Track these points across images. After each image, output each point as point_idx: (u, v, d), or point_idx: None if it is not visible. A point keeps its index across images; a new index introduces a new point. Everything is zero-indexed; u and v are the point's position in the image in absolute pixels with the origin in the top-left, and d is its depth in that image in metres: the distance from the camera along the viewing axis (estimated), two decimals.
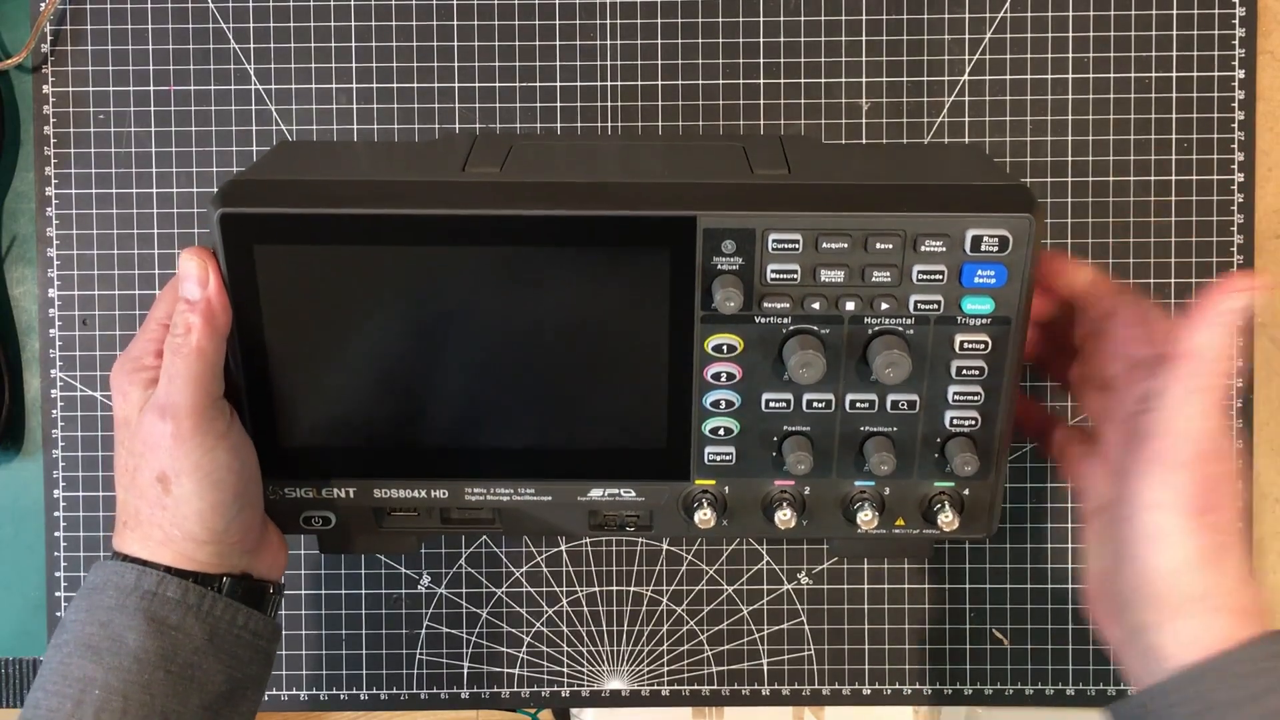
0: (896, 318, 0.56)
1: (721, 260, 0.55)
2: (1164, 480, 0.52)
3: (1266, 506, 0.77)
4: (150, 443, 0.55)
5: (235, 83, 0.76)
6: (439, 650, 0.78)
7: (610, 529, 0.63)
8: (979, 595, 0.77)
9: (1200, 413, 0.52)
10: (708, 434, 0.59)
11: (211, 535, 0.57)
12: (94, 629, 0.55)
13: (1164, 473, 0.52)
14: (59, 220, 0.76)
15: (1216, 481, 0.52)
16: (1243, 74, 0.75)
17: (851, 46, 0.75)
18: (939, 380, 0.57)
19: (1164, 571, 0.52)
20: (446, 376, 0.58)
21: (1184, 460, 0.52)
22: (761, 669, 0.78)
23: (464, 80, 0.76)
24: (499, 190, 0.55)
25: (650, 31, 0.75)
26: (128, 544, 0.57)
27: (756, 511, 0.61)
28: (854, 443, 0.59)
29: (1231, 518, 0.52)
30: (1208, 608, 0.52)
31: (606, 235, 0.54)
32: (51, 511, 0.77)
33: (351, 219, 0.54)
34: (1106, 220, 0.75)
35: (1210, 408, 0.52)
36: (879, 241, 0.54)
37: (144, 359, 0.57)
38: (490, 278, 0.55)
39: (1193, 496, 0.52)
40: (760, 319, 0.56)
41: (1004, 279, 0.55)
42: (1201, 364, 0.52)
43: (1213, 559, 0.52)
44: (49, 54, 0.76)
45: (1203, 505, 0.52)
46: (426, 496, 0.61)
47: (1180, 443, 0.52)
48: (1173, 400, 0.52)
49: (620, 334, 0.57)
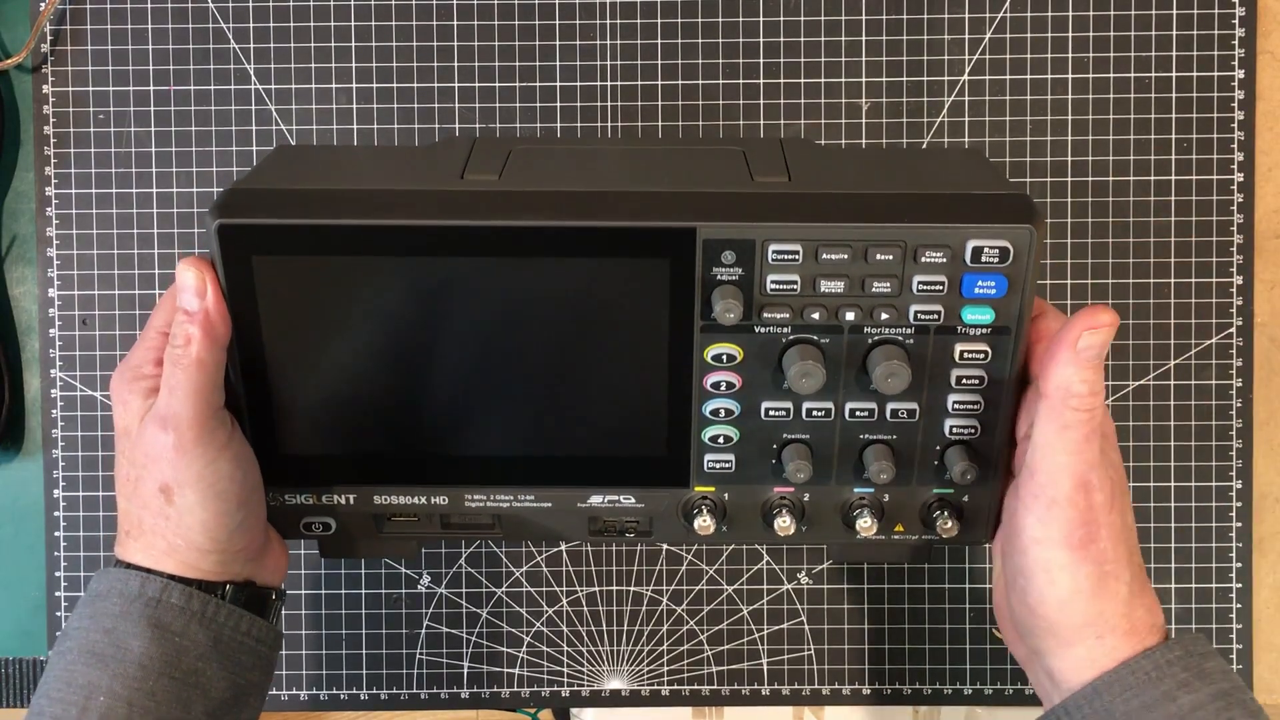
0: (896, 328, 0.56)
1: (721, 270, 0.54)
2: (1043, 516, 0.53)
3: (1266, 506, 0.77)
4: (152, 454, 0.55)
5: (235, 83, 0.76)
6: (439, 650, 0.78)
7: (610, 535, 0.63)
8: (979, 595, 0.77)
9: (1070, 449, 0.53)
10: (707, 441, 0.59)
11: (215, 544, 0.57)
12: (98, 635, 0.55)
13: (1043, 509, 0.53)
14: (59, 220, 0.76)
15: (1095, 512, 0.53)
16: (1243, 74, 0.75)
17: (851, 46, 0.75)
18: (939, 389, 0.57)
19: (1052, 603, 0.54)
20: (446, 384, 0.58)
21: (1060, 497, 0.53)
22: (761, 669, 0.78)
23: (464, 80, 0.76)
24: (498, 200, 0.54)
25: (650, 31, 0.75)
26: (131, 553, 0.57)
27: (756, 518, 0.61)
28: (853, 450, 0.59)
29: (1114, 544, 0.53)
30: (1095, 634, 0.54)
31: (606, 246, 0.54)
32: (51, 511, 0.77)
33: (350, 230, 0.54)
34: (1106, 220, 0.75)
35: (1080, 442, 0.53)
36: (879, 252, 0.54)
37: (144, 368, 0.57)
38: (489, 287, 0.55)
39: (1072, 531, 0.53)
40: (760, 329, 0.56)
41: (1004, 289, 0.54)
42: (1064, 401, 0.53)
43: (1097, 588, 0.53)
44: (49, 54, 0.76)
45: (1083, 537, 0.53)
46: (426, 503, 0.61)
47: (1054, 479, 0.53)
48: (1043, 439, 0.53)
49: (620, 343, 0.57)
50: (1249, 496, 0.76)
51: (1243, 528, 0.76)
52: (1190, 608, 0.77)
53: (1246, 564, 0.77)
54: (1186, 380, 0.76)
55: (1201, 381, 0.76)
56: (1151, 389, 0.76)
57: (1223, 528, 0.76)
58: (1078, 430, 0.53)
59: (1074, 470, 0.53)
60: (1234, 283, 0.75)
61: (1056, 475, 0.53)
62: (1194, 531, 0.76)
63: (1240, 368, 0.76)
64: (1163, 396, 0.76)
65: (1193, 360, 0.76)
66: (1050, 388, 0.53)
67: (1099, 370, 0.53)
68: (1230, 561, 0.77)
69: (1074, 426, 0.53)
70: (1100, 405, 0.53)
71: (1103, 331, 0.52)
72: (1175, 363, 0.76)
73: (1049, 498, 0.53)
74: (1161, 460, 0.76)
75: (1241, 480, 0.76)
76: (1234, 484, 0.76)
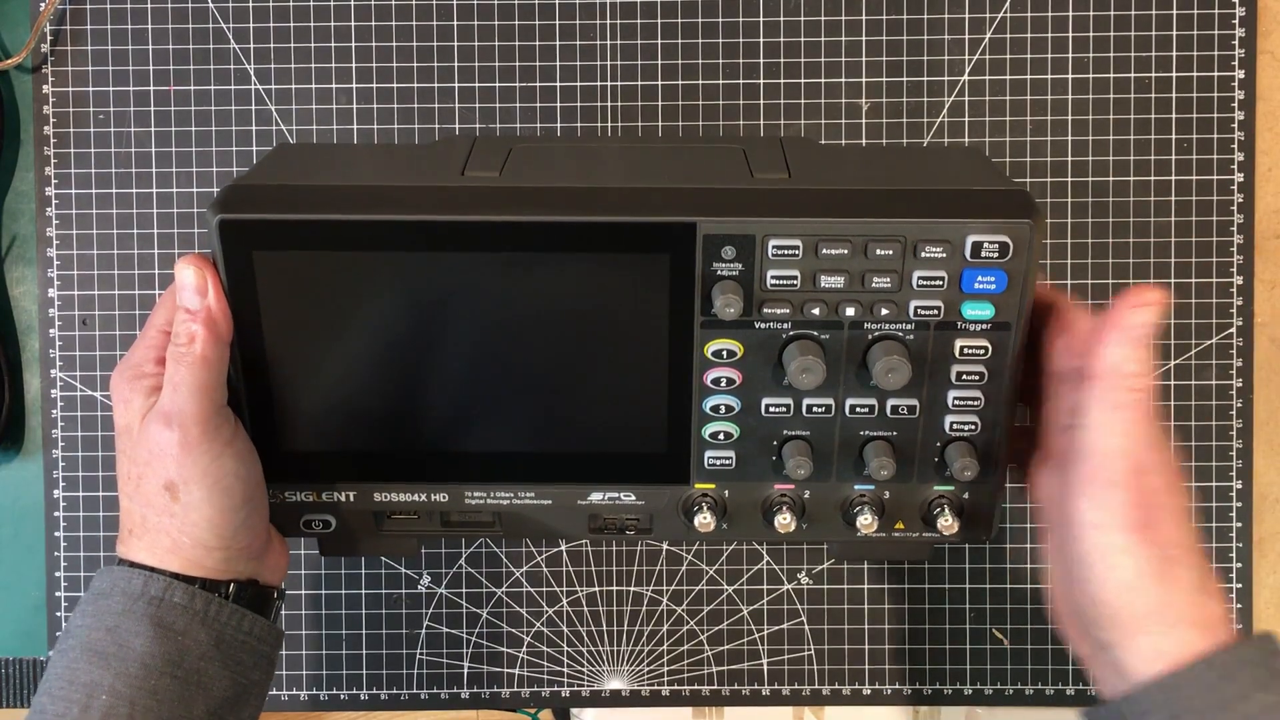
0: (896, 323, 0.56)
1: (721, 266, 0.54)
2: (1100, 500, 0.52)
3: (1267, 506, 0.77)
4: (156, 451, 0.55)
5: (235, 83, 0.76)
6: (439, 650, 0.78)
7: (610, 532, 0.63)
8: (979, 595, 0.77)
9: (1123, 430, 0.52)
10: (707, 438, 0.59)
11: (220, 541, 0.57)
12: (100, 634, 0.55)
13: (1099, 493, 0.52)
14: (59, 220, 0.76)
15: (1153, 495, 0.52)
16: (1243, 74, 0.75)
17: (851, 46, 0.75)
18: (939, 385, 0.57)
19: (1114, 590, 0.52)
20: (446, 380, 0.58)
21: (1116, 479, 0.52)
22: (761, 669, 0.78)
23: (464, 80, 0.76)
24: (498, 195, 0.55)
25: (650, 31, 0.75)
26: (134, 551, 0.57)
27: (756, 515, 0.61)
28: (854, 447, 0.59)
29: (1176, 529, 0.52)
30: (1163, 622, 0.52)
31: (606, 241, 0.54)
32: (51, 511, 0.77)
33: (351, 225, 0.54)
34: (1106, 220, 0.75)
35: (1133, 424, 0.52)
36: (879, 247, 0.54)
37: (144, 366, 0.57)
38: (490, 282, 0.55)
39: (1130, 514, 0.52)
40: (760, 324, 0.56)
41: (1004, 285, 0.54)
42: (1116, 381, 0.52)
43: (1161, 573, 0.52)
44: (49, 54, 0.76)
45: (1142, 521, 0.52)
46: (426, 500, 0.61)
47: (1109, 462, 0.52)
48: (1095, 421, 0.53)
49: (620, 338, 0.57)
50: (1249, 496, 0.76)
51: (1243, 528, 0.76)
52: None
53: (1246, 564, 0.77)
54: (1186, 380, 0.76)
55: (1201, 381, 0.76)
56: None
57: (1223, 528, 0.76)
58: (1131, 410, 0.52)
59: (1129, 451, 0.52)
60: (1234, 283, 0.75)
61: (1111, 457, 0.52)
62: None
63: (1240, 368, 0.76)
64: (1163, 396, 0.76)
65: (1193, 360, 0.76)
66: (1103, 368, 0.52)
67: (1150, 349, 0.52)
68: (1230, 561, 0.76)
69: (1127, 407, 0.52)
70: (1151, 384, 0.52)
71: (1150, 310, 0.51)
72: (1175, 363, 0.76)
73: (1105, 480, 0.52)
74: None
75: (1241, 480, 0.76)
76: (1234, 484, 0.76)
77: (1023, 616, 0.77)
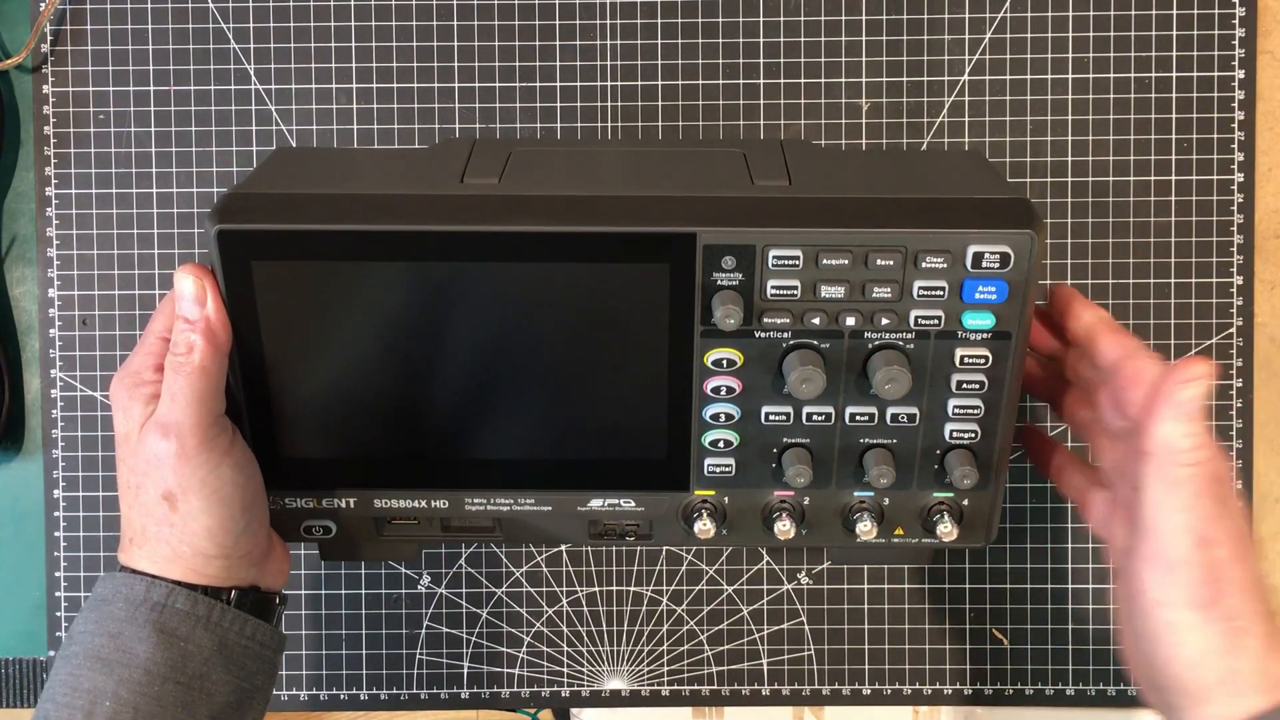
0: (897, 333, 0.56)
1: (721, 276, 0.54)
2: (1165, 580, 0.52)
3: (1267, 507, 0.77)
4: (154, 461, 0.55)
5: (235, 83, 0.76)
6: (439, 650, 0.78)
7: (610, 538, 0.63)
8: (979, 595, 0.77)
9: (1183, 506, 0.51)
10: (707, 446, 0.59)
11: (220, 550, 0.57)
12: (103, 640, 0.55)
13: (1163, 572, 0.52)
14: (59, 220, 0.76)
15: (1220, 568, 0.51)
16: (1243, 74, 0.75)
17: (851, 46, 0.75)
18: (939, 394, 0.57)
19: (1182, 665, 0.52)
20: (446, 388, 0.58)
21: (1180, 558, 0.52)
22: (761, 669, 0.78)
23: (464, 80, 0.76)
24: (498, 205, 0.54)
25: (650, 31, 0.75)
26: (135, 560, 0.57)
27: (756, 522, 0.61)
28: (853, 455, 0.59)
29: (1242, 599, 0.52)
30: (1229, 693, 0.52)
31: (606, 251, 0.54)
32: (51, 511, 0.77)
33: (350, 235, 0.54)
34: (1106, 220, 0.75)
35: (1193, 498, 0.51)
36: (880, 258, 0.54)
37: (144, 373, 0.57)
38: (490, 292, 0.55)
39: (1196, 590, 0.51)
40: (760, 334, 0.56)
41: (1005, 295, 0.54)
42: (1170, 458, 0.51)
43: (1227, 646, 0.51)
44: (49, 54, 0.76)
45: (1209, 596, 0.51)
46: (427, 506, 0.61)
47: (1171, 540, 0.52)
48: (1153, 498, 0.52)
49: (620, 347, 0.57)
50: (1249, 497, 0.76)
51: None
52: None
53: None
54: None
55: None
56: None
57: None
58: (1189, 486, 0.51)
59: (1191, 527, 0.51)
60: (1234, 283, 0.75)
61: (1174, 535, 0.52)
62: None
63: (1240, 368, 0.76)
64: None
65: None
66: (1154, 445, 0.51)
67: (1202, 421, 0.51)
68: None
69: (1185, 483, 0.51)
70: (1209, 455, 0.51)
71: (1200, 383, 0.51)
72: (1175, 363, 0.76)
73: (1169, 559, 0.52)
74: None
75: (1241, 480, 0.76)
76: (1234, 484, 0.76)
77: (1023, 616, 0.77)
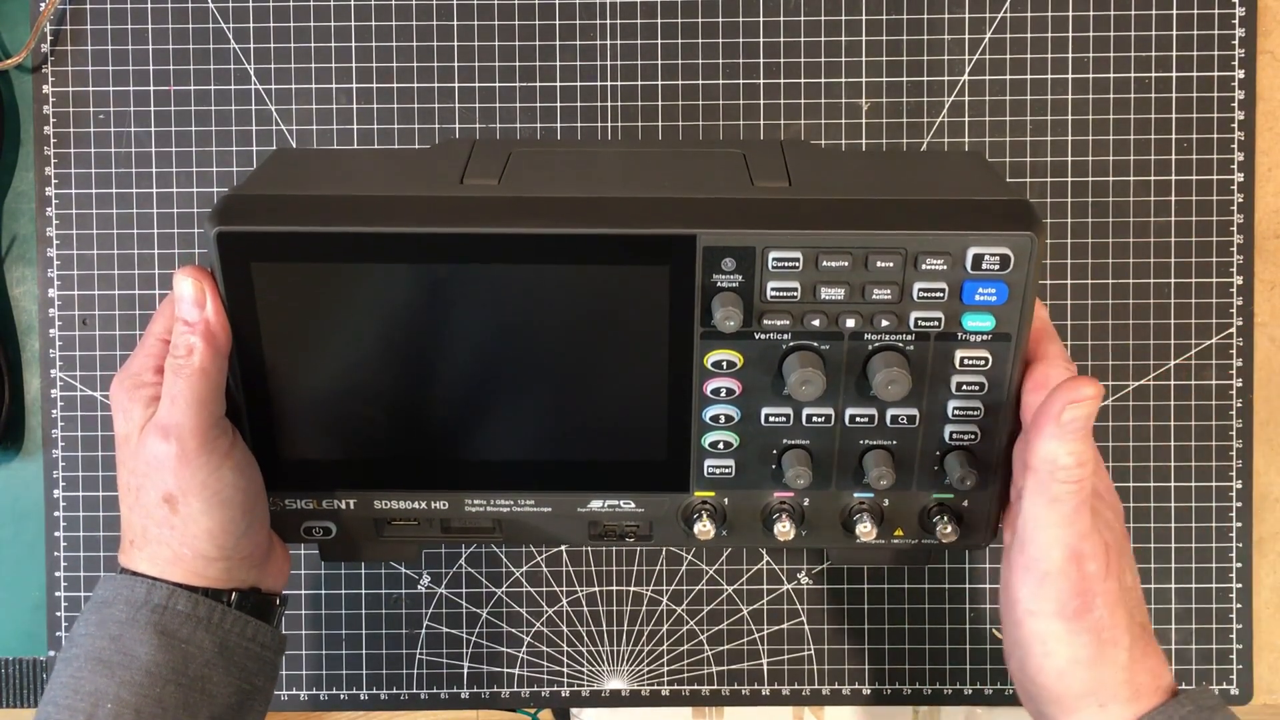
0: (896, 334, 0.55)
1: (721, 278, 0.54)
2: (1037, 591, 0.53)
3: (1267, 506, 0.77)
4: (154, 464, 0.55)
5: (235, 83, 0.76)
6: (439, 650, 0.78)
7: (610, 539, 0.63)
8: (979, 595, 0.77)
9: (1060, 521, 0.52)
10: (707, 447, 0.59)
11: (221, 552, 0.57)
12: (105, 642, 0.55)
13: (1035, 583, 0.53)
14: (59, 220, 0.76)
15: (1090, 581, 0.53)
16: (1243, 74, 0.75)
17: (851, 46, 0.75)
18: (939, 395, 0.57)
19: (1051, 674, 0.54)
20: (446, 390, 0.58)
21: (1052, 570, 0.53)
22: (761, 669, 0.78)
23: (464, 80, 0.76)
24: (497, 206, 0.54)
25: (650, 31, 0.75)
26: (136, 562, 0.57)
27: (756, 523, 0.61)
28: (853, 456, 0.59)
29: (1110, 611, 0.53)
30: (1097, 702, 0.53)
31: (606, 253, 0.54)
32: (51, 511, 0.77)
33: (350, 237, 0.54)
34: (1106, 220, 0.75)
35: (1070, 514, 0.52)
36: (880, 260, 0.54)
37: (144, 375, 0.56)
38: (490, 293, 0.55)
39: (1066, 602, 0.53)
40: (760, 335, 0.56)
41: (1005, 296, 0.54)
42: (1050, 475, 0.52)
43: (1095, 657, 0.53)
44: (49, 54, 0.76)
45: (1078, 608, 0.53)
46: (427, 508, 0.61)
47: (1046, 552, 0.53)
48: (1032, 512, 0.53)
49: (620, 349, 0.56)
50: (1249, 497, 0.76)
51: (1243, 528, 0.76)
52: (1190, 608, 0.77)
53: (1246, 564, 0.77)
54: (1186, 380, 0.76)
55: (1201, 381, 0.76)
56: (1151, 389, 0.76)
57: (1223, 528, 0.76)
58: (1067, 503, 0.52)
59: (1065, 542, 0.53)
60: (1234, 283, 0.75)
61: (1048, 548, 0.53)
62: (1194, 532, 0.76)
63: (1240, 368, 0.76)
64: (1163, 396, 0.76)
65: (1193, 360, 0.76)
66: (1036, 461, 0.52)
67: (1086, 440, 0.52)
68: (1230, 561, 0.77)
69: (1063, 499, 0.52)
70: (1089, 473, 0.52)
71: (1086, 404, 0.51)
72: (1175, 363, 0.76)
73: (1041, 571, 0.53)
74: (1161, 461, 0.76)
75: (1241, 480, 0.76)
76: (1234, 484, 0.76)
77: None
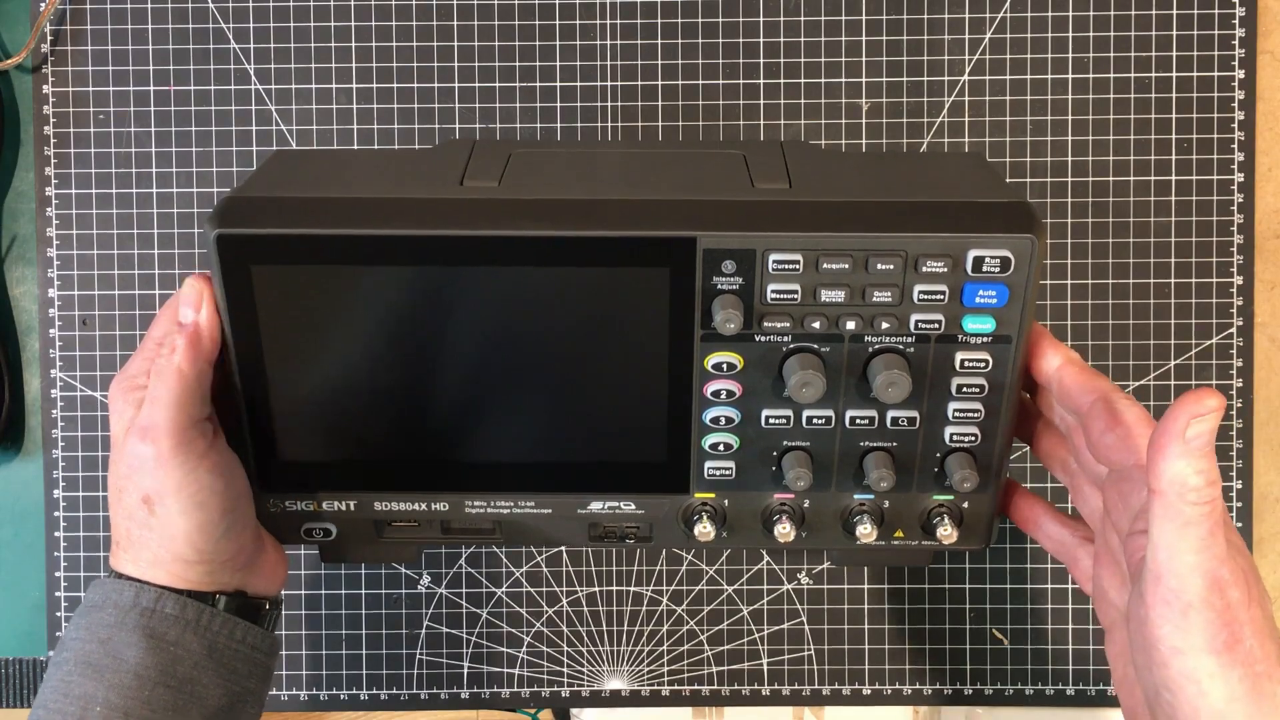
0: (897, 336, 0.55)
1: (721, 280, 0.54)
2: (1181, 625, 0.49)
3: (1267, 506, 0.77)
4: (134, 464, 0.55)
5: (235, 83, 0.76)
6: (439, 650, 0.78)
7: (610, 540, 0.63)
8: (979, 595, 0.77)
9: (1196, 547, 0.49)
10: (707, 449, 0.59)
11: (199, 555, 0.57)
12: (93, 646, 0.55)
13: (1179, 617, 0.49)
14: (59, 220, 0.76)
15: (1235, 610, 0.49)
16: (1243, 74, 0.75)
17: (851, 46, 0.75)
18: (939, 397, 0.57)
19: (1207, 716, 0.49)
20: (446, 392, 0.58)
21: (1195, 601, 0.49)
22: (761, 669, 0.78)
23: (464, 80, 0.76)
24: (497, 209, 0.54)
25: (650, 31, 0.75)
26: (122, 564, 0.57)
27: (756, 524, 0.61)
28: (854, 458, 0.59)
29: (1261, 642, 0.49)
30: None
31: (606, 255, 0.54)
32: (51, 511, 0.77)
33: (350, 239, 0.54)
34: (1106, 220, 0.75)
35: (1206, 537, 0.49)
36: (880, 262, 0.54)
37: (139, 378, 0.56)
38: (490, 295, 0.55)
39: (1214, 635, 0.49)
40: (760, 337, 0.56)
41: (1005, 299, 0.54)
42: (1181, 498, 0.48)
43: (1253, 692, 0.49)
44: (49, 54, 0.76)
45: (1228, 640, 0.49)
46: (426, 509, 0.61)
47: (1186, 583, 0.49)
48: (1164, 540, 0.49)
49: (620, 351, 0.56)
50: (1249, 496, 0.76)
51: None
52: None
53: None
54: (1186, 380, 0.76)
55: (1201, 381, 0.76)
56: (1151, 389, 0.76)
57: None
58: (1201, 525, 0.48)
59: (1205, 569, 0.49)
60: (1234, 283, 0.75)
61: (1186, 577, 0.49)
62: None
63: (1240, 368, 0.76)
64: (1163, 396, 0.76)
65: (1193, 360, 0.76)
66: (1163, 484, 0.48)
67: (1212, 457, 0.48)
68: None
69: (1196, 523, 0.48)
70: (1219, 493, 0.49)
71: (1210, 417, 0.48)
72: (1175, 363, 0.76)
73: (1183, 603, 0.49)
74: None
75: (1241, 480, 0.76)
76: (1234, 484, 0.76)
77: (1023, 616, 0.77)
